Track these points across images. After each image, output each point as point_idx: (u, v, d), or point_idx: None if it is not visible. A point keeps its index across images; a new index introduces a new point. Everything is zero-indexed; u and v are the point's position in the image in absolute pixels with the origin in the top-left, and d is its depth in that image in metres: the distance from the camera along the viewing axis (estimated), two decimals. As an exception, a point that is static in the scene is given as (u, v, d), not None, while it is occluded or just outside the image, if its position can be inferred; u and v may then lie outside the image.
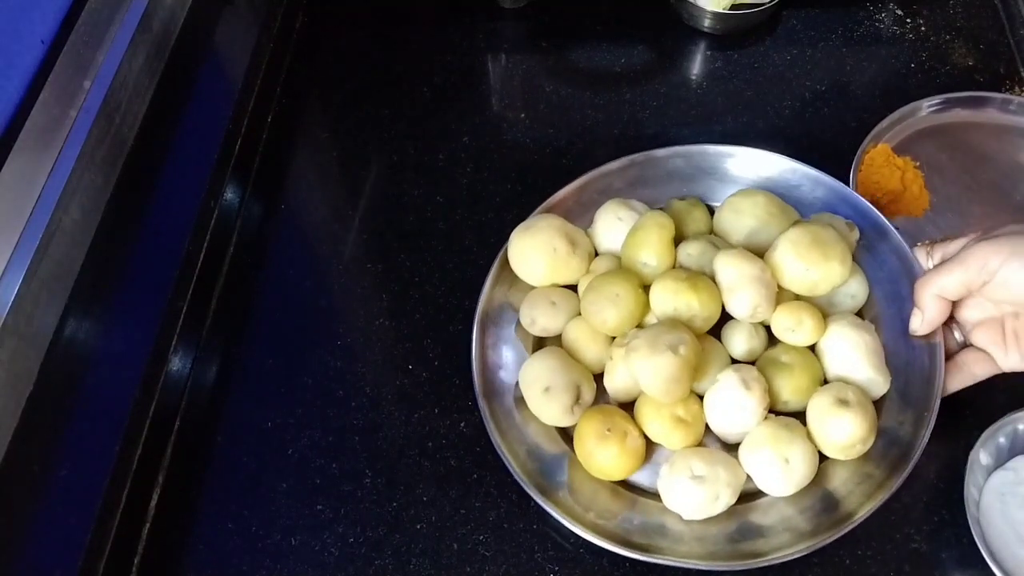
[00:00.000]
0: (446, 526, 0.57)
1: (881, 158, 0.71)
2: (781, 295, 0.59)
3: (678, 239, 0.62)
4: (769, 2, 0.81)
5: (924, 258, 0.60)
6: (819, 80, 0.80)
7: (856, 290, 0.61)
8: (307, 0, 0.89)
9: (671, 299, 0.57)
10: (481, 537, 0.58)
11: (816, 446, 0.56)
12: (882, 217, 0.62)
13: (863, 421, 0.54)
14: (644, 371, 0.55)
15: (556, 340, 0.63)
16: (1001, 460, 0.57)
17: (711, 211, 0.66)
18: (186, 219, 0.68)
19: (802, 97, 0.79)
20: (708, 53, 0.83)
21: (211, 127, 0.73)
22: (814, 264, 0.58)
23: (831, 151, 0.75)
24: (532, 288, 0.64)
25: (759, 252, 0.60)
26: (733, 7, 0.81)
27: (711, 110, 0.79)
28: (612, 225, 0.64)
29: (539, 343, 0.63)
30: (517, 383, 0.60)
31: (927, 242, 0.60)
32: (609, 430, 0.56)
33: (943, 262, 0.57)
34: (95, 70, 0.67)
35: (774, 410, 0.57)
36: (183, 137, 0.73)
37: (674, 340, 0.55)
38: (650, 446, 0.58)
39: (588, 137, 0.78)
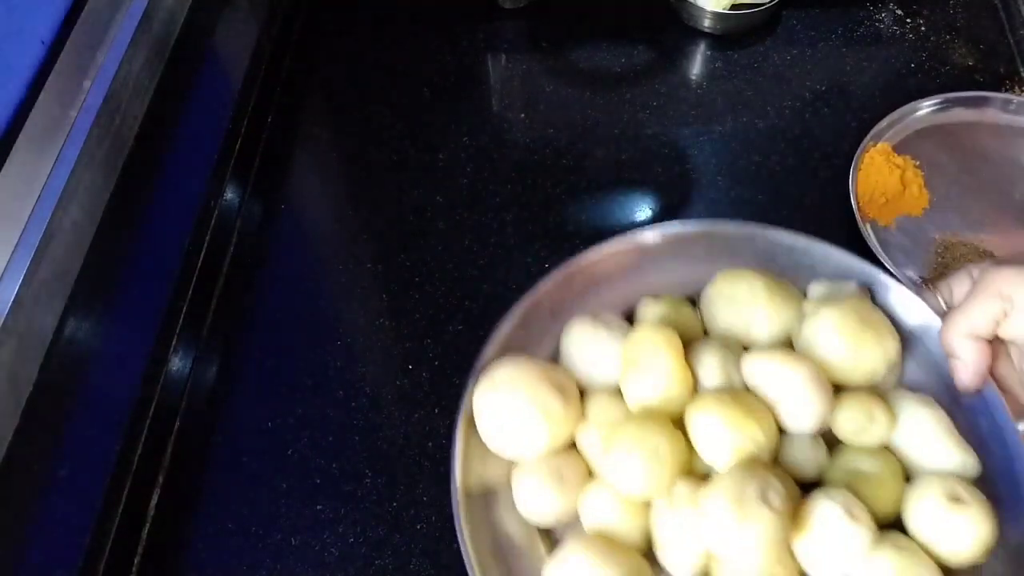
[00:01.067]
0: (446, 526, 0.57)
1: (881, 157, 0.71)
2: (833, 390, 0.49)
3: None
4: (769, 2, 0.81)
5: (937, 300, 0.52)
6: (819, 80, 0.80)
7: (895, 360, 0.51)
8: (307, 0, 0.89)
9: (729, 435, 0.45)
10: (481, 537, 0.58)
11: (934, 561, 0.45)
12: (882, 272, 0.53)
13: (985, 517, 0.44)
14: (734, 542, 0.42)
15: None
16: (1002, 460, 0.56)
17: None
18: (186, 219, 0.68)
19: (802, 97, 0.79)
20: (708, 53, 0.83)
21: (211, 127, 0.73)
22: (867, 347, 0.48)
23: (831, 151, 0.75)
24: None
25: (783, 346, 0.51)
26: (733, 7, 0.81)
27: (711, 110, 0.79)
28: (592, 352, 0.52)
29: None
30: None
31: (920, 280, 0.53)
32: None
33: (960, 303, 0.49)
34: (95, 70, 0.67)
35: None
36: (183, 137, 0.73)
37: (763, 488, 0.42)
38: None
39: (588, 137, 0.78)
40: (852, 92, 0.79)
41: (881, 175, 0.70)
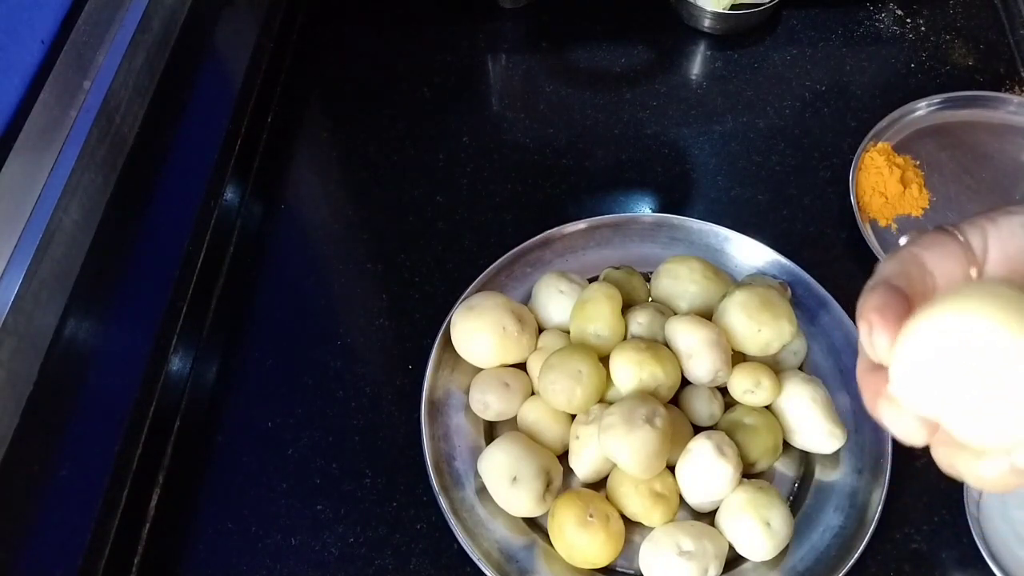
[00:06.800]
0: (446, 526, 0.57)
1: (881, 157, 0.71)
2: (734, 357, 0.59)
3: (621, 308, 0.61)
4: (769, 2, 0.81)
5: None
6: (819, 80, 0.80)
7: (798, 347, 0.61)
8: (307, 0, 0.89)
9: (636, 370, 0.56)
10: (481, 537, 0.58)
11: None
12: (806, 273, 0.64)
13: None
14: (622, 448, 0.53)
15: (509, 423, 0.61)
16: (1001, 460, 0.57)
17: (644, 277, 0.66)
18: (186, 219, 0.68)
19: (802, 97, 0.79)
20: (708, 53, 0.83)
21: (211, 127, 0.73)
22: (765, 324, 0.58)
23: (831, 151, 0.75)
24: (478, 370, 0.62)
25: (704, 316, 0.60)
26: (733, 7, 0.81)
27: (711, 110, 0.79)
28: (554, 299, 0.63)
29: (490, 427, 0.61)
30: (475, 472, 0.58)
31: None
32: (591, 516, 0.54)
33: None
34: (95, 70, 0.67)
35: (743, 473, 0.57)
36: (183, 137, 0.73)
37: (649, 413, 0.54)
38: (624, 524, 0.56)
39: (588, 137, 0.78)
40: (852, 92, 0.79)
41: (881, 175, 0.70)
